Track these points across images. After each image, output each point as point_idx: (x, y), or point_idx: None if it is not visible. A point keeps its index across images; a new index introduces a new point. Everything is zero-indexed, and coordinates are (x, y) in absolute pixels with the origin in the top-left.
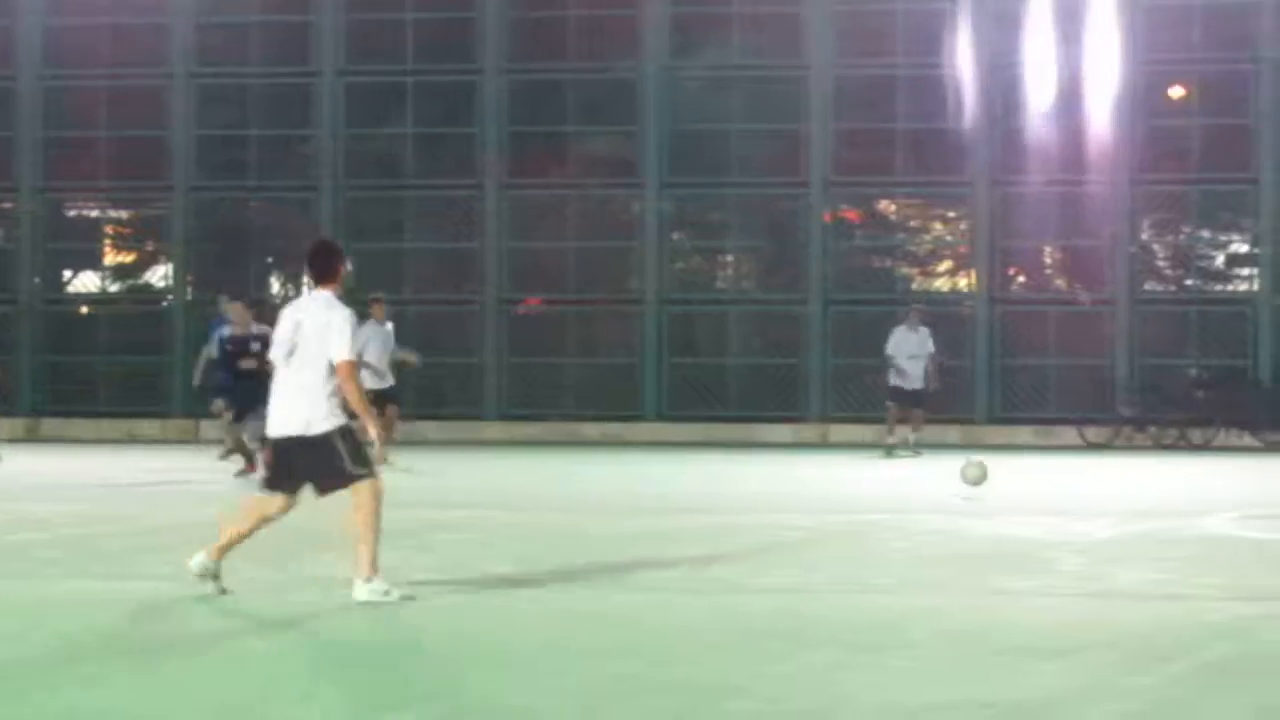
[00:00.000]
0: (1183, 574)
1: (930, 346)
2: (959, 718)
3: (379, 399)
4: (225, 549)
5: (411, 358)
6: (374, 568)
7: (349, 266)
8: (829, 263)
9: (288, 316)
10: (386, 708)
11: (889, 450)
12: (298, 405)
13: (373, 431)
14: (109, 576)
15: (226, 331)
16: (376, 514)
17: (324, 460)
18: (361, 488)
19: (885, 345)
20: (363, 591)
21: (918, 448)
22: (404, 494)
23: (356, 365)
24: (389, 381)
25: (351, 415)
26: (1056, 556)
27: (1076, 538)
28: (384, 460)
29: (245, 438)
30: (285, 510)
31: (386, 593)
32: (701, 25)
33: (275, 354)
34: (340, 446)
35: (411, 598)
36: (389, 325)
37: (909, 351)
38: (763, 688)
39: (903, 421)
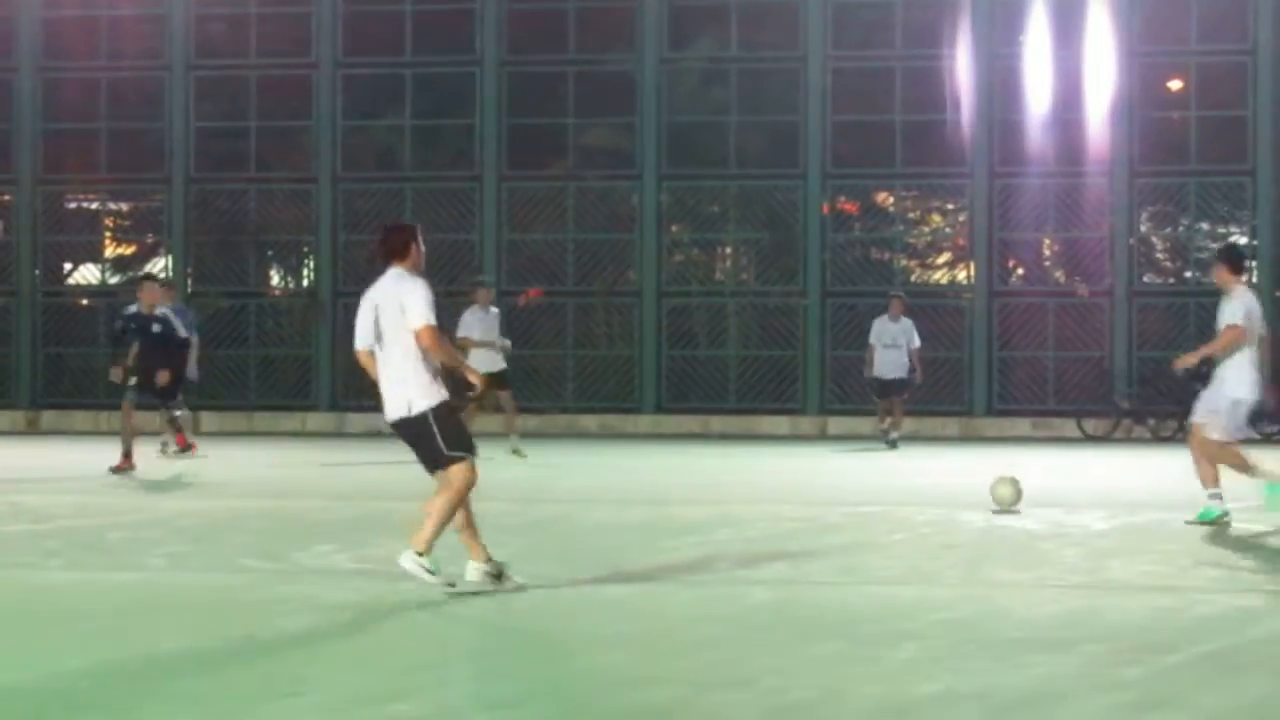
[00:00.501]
0: (1179, 566)
1: (914, 338)
2: (956, 709)
3: (496, 382)
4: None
5: (506, 344)
6: (429, 546)
7: (421, 246)
8: (827, 255)
9: (366, 303)
10: (376, 700)
11: (893, 441)
12: (399, 387)
13: (473, 378)
14: (109, 568)
15: (131, 310)
16: (458, 499)
17: (425, 440)
18: (454, 470)
19: (868, 335)
20: (408, 560)
21: (896, 440)
22: (398, 486)
23: (436, 329)
24: (501, 364)
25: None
26: (1054, 548)
27: (1074, 530)
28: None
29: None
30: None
31: (432, 572)
32: (699, 17)
33: (361, 343)
34: (435, 427)
35: (452, 585)
36: (494, 310)
37: (888, 341)
38: (760, 679)
39: (888, 413)
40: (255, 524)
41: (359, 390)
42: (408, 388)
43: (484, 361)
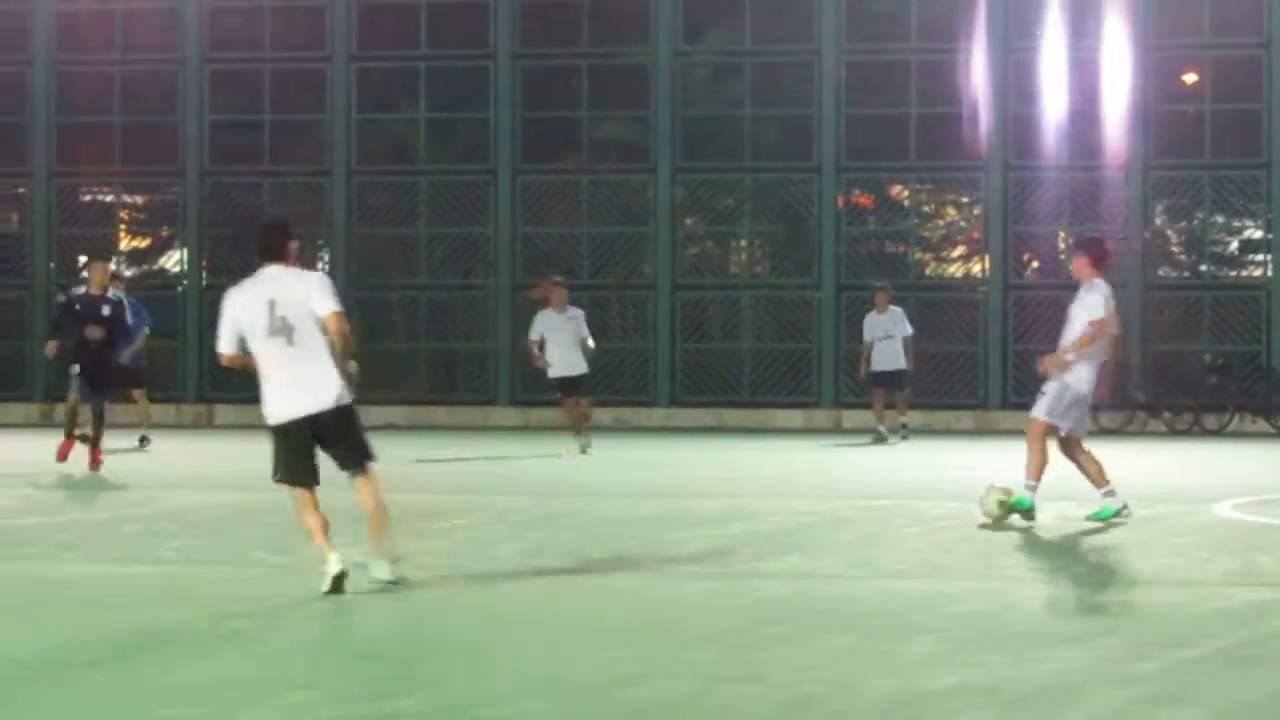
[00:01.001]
0: (1195, 559)
1: (905, 326)
2: (969, 702)
3: (569, 386)
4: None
5: (590, 342)
6: (392, 552)
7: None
8: (841, 248)
9: (251, 298)
10: (387, 695)
11: (904, 434)
12: (324, 378)
13: (352, 367)
14: (122, 560)
15: (79, 291)
16: (383, 494)
17: (353, 432)
18: (374, 467)
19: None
20: (384, 571)
21: (905, 432)
22: (408, 480)
23: (345, 314)
24: (580, 368)
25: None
26: (1068, 542)
27: (1088, 524)
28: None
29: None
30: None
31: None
32: (713, 10)
33: (257, 338)
34: (359, 420)
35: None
36: (571, 310)
37: (880, 334)
38: (774, 672)
39: (889, 406)
40: (267, 517)
41: (374, 383)
42: (333, 378)
43: (562, 364)
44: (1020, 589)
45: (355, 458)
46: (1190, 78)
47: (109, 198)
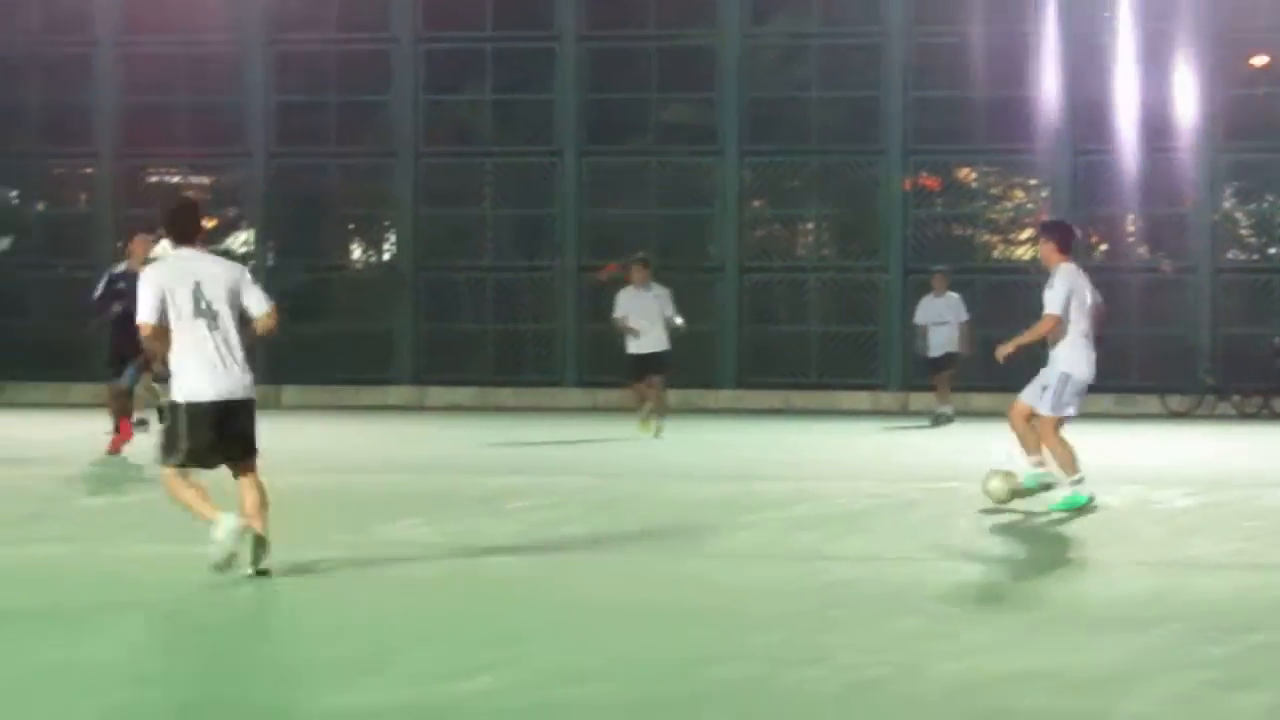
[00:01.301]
0: (1264, 544)
1: (962, 312)
2: (1034, 687)
3: (649, 363)
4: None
5: (675, 321)
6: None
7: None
8: (908, 230)
9: (178, 278)
10: (464, 674)
11: (944, 418)
12: (234, 366)
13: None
14: (191, 541)
15: (120, 268)
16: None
17: (251, 424)
18: (256, 460)
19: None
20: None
21: (945, 417)
22: (480, 460)
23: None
24: (661, 346)
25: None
26: (1136, 525)
27: (1157, 507)
28: (657, 431)
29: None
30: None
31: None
32: None
33: (182, 317)
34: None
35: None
36: (656, 288)
37: (935, 318)
38: (840, 655)
39: (933, 389)
40: (338, 498)
41: (441, 364)
42: (247, 368)
43: (646, 342)
44: (1088, 573)
45: (249, 452)
46: (1260, 59)
47: (175, 179)
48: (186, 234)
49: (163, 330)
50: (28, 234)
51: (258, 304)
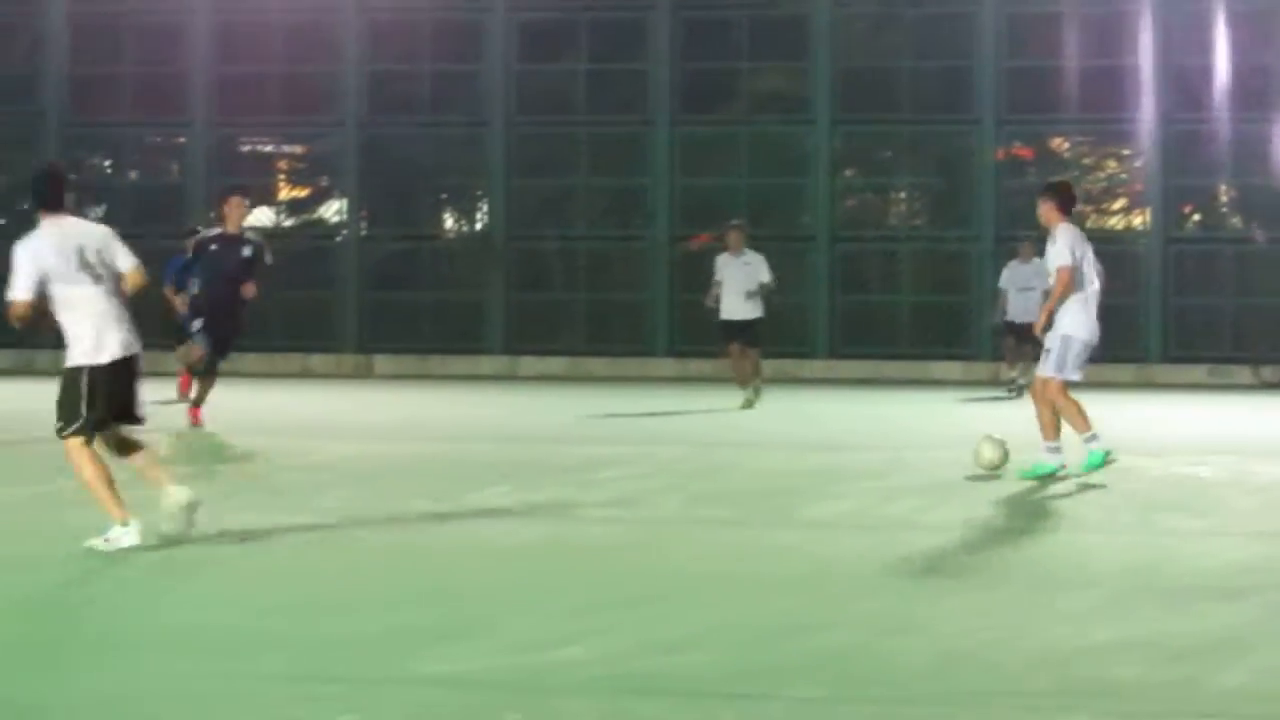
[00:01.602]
0: None
1: (1048, 281)
2: (1127, 657)
3: (737, 330)
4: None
5: (768, 283)
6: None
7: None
8: (1000, 200)
9: (58, 247)
10: (556, 645)
11: (1017, 390)
12: (125, 326)
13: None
14: (282, 510)
15: (213, 231)
16: None
17: (136, 383)
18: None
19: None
20: (180, 496)
21: (1018, 388)
22: (570, 429)
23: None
24: (751, 314)
25: None
26: (1230, 495)
27: (1249, 477)
28: (753, 402)
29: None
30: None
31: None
32: None
33: (71, 283)
34: None
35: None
36: (749, 255)
37: (1020, 284)
38: (934, 625)
39: (1013, 357)
40: (429, 467)
41: (532, 334)
42: (130, 324)
43: (736, 309)
44: (1181, 542)
45: (136, 409)
46: None
47: (268, 148)
48: (58, 200)
49: (38, 303)
50: (120, 203)
51: (126, 262)
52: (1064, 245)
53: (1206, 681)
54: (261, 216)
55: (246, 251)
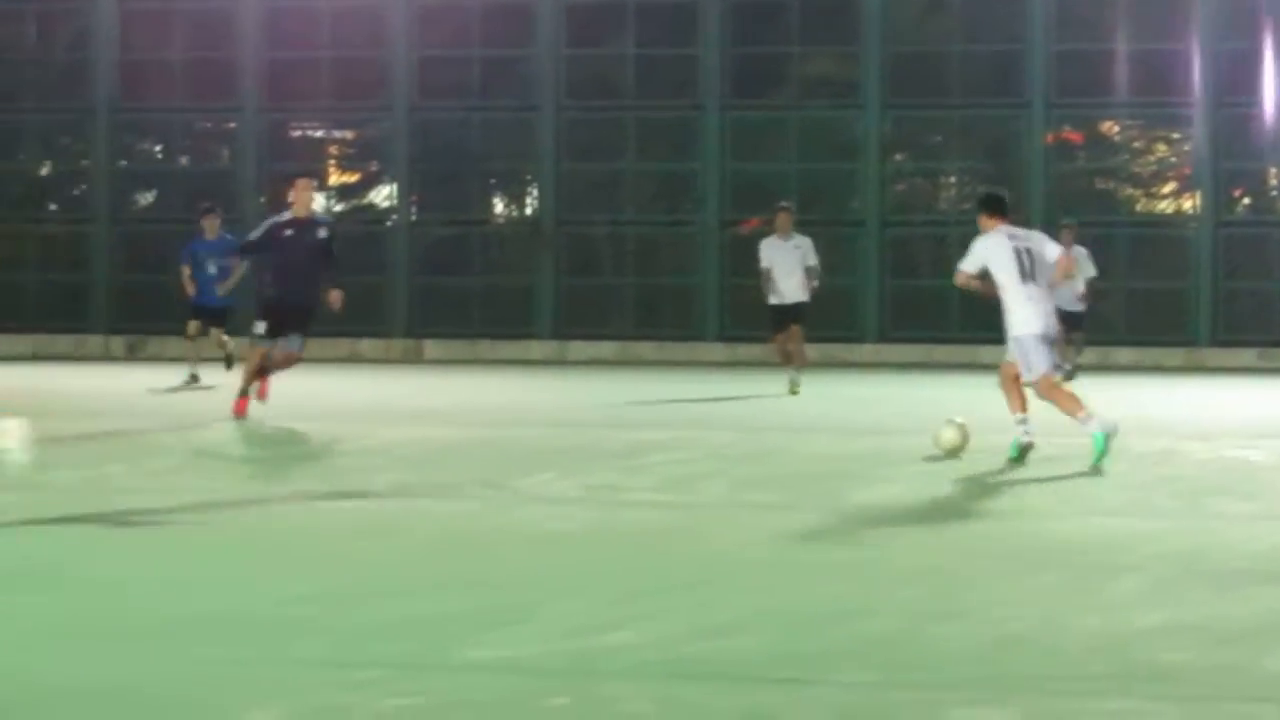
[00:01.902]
0: None
1: (1089, 267)
2: (1178, 640)
3: (787, 314)
4: None
5: (812, 261)
6: None
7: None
8: (1050, 184)
9: None
10: (606, 629)
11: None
12: None
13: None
14: (333, 494)
15: (285, 215)
16: None
17: None
18: None
19: None
20: None
21: (1072, 371)
22: (619, 414)
23: None
24: (799, 297)
25: None
26: (1277, 480)
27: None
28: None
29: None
30: None
31: None
32: None
33: None
34: None
35: None
36: (797, 238)
37: None
38: (982, 610)
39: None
40: (478, 451)
41: (582, 319)
42: None
43: (785, 292)
44: (1230, 527)
45: None
46: None
47: (318, 133)
48: None
49: None
50: (171, 189)
51: None
52: (976, 249)
53: (1257, 665)
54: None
55: (322, 233)
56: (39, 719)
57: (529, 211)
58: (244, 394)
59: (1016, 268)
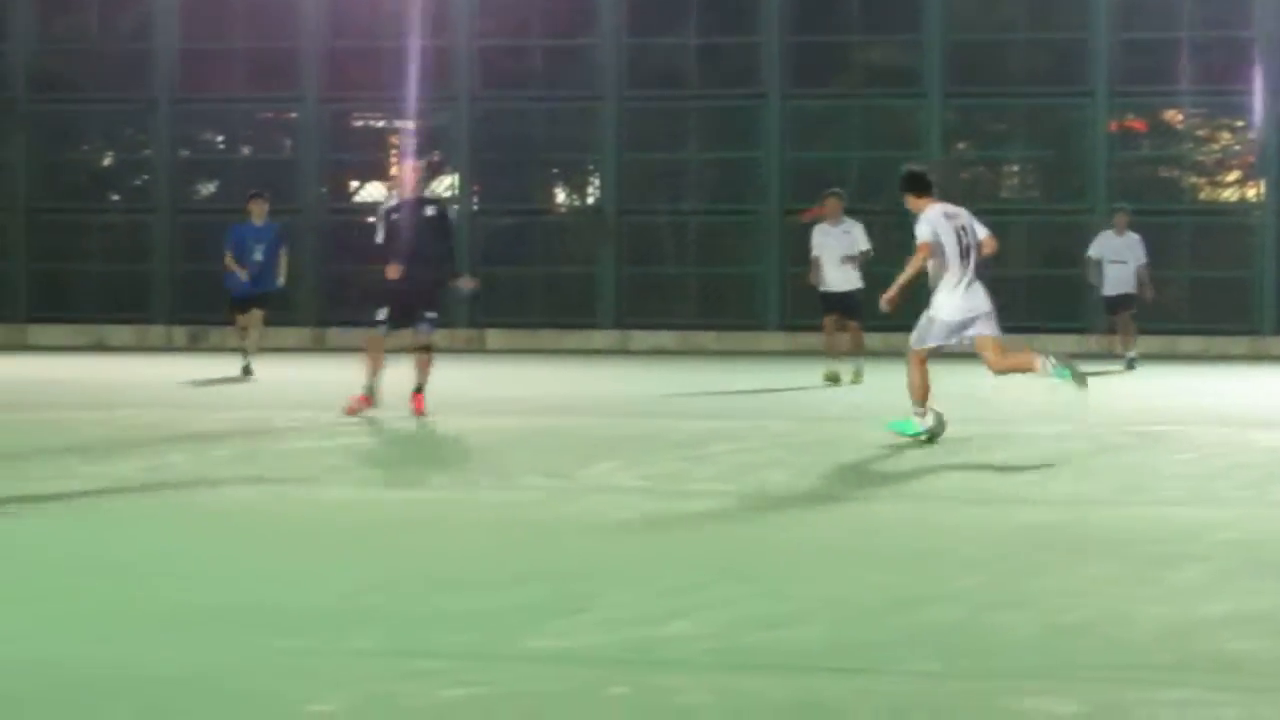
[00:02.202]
0: None
1: (1141, 254)
2: (1242, 630)
3: (837, 302)
4: None
5: (864, 246)
6: None
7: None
8: (1113, 172)
9: None
10: (658, 618)
11: (1129, 364)
12: None
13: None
14: (393, 484)
15: (393, 200)
16: None
17: None
18: None
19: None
20: None
21: (1133, 361)
22: (681, 404)
23: None
24: (850, 285)
25: None
26: None
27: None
28: (856, 376)
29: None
30: None
31: None
32: None
33: None
34: None
35: None
36: (846, 223)
37: (1112, 256)
38: (1043, 599)
39: (1112, 332)
40: (539, 441)
41: (643, 308)
42: None
43: (835, 280)
44: None
45: None
46: None
47: (380, 123)
48: None
49: None
50: (232, 179)
51: None
52: (925, 224)
53: None
54: (374, 191)
55: (430, 210)
56: (106, 706)
57: (591, 201)
58: (370, 392)
59: (957, 246)
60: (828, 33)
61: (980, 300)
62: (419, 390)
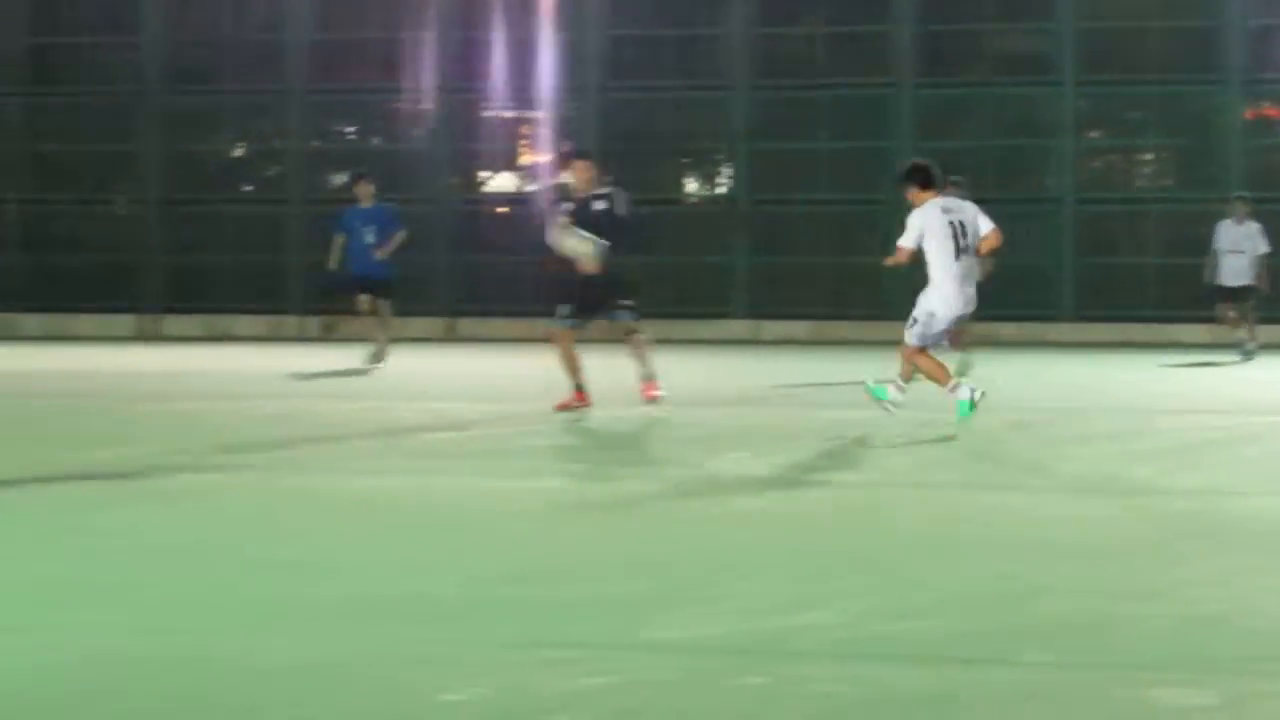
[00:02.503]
0: None
1: (1260, 243)
2: None
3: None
4: None
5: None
6: None
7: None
8: (1248, 161)
9: None
10: (791, 607)
11: (1247, 354)
12: None
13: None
14: (526, 475)
15: (564, 201)
16: None
17: None
18: None
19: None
20: None
21: (1253, 351)
22: (809, 393)
23: None
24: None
25: None
26: None
27: None
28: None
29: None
30: None
31: None
32: None
33: None
34: None
35: None
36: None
37: (1230, 246)
38: (1177, 590)
39: (1233, 321)
40: (670, 431)
41: (774, 298)
42: None
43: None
44: None
45: None
46: None
47: (509, 114)
48: None
49: None
50: (364, 170)
51: None
52: (914, 218)
53: None
54: (503, 182)
55: (599, 205)
56: (248, 698)
57: (721, 191)
58: (580, 388)
59: (951, 241)
60: (959, 21)
61: (972, 290)
62: (649, 379)
